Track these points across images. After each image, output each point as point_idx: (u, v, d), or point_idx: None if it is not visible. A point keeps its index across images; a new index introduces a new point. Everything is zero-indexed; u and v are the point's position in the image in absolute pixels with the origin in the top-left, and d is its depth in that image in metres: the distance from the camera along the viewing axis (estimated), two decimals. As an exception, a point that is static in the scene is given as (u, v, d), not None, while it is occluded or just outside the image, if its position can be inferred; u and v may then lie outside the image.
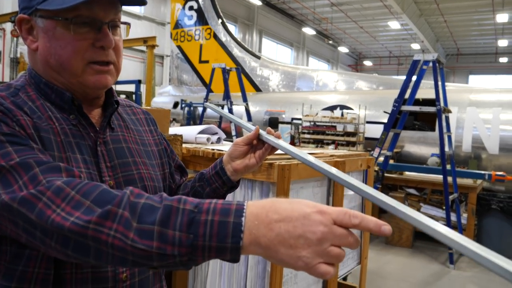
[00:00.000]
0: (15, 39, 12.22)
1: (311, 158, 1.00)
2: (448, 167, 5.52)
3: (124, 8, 1.04)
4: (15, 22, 10.40)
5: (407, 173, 6.54)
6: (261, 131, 1.14)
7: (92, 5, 0.92)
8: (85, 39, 0.94)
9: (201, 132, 2.94)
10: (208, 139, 2.90)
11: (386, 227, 0.64)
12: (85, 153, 0.96)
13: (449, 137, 5.81)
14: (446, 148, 5.49)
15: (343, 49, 31.75)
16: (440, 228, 0.70)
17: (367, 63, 34.65)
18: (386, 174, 5.99)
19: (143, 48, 12.50)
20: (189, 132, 2.89)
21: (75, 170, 0.83)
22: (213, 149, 2.51)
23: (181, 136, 2.43)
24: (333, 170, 0.89)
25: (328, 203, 2.79)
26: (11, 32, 11.59)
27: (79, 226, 0.70)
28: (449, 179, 5.37)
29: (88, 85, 0.97)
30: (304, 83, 11.49)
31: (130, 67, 17.27)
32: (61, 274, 0.89)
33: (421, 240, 6.08)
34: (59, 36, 0.93)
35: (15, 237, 0.80)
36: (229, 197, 1.30)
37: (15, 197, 0.74)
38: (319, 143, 8.61)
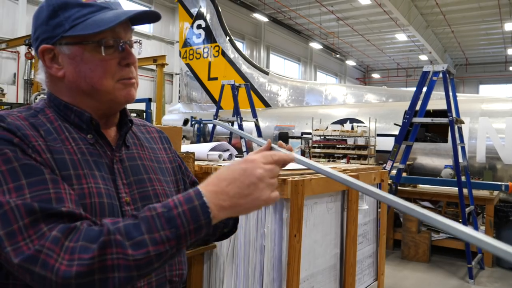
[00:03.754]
0: (28, 61, 12.48)
1: (326, 168, 1.02)
2: (463, 178, 5.42)
3: (135, 28, 1.11)
4: (29, 45, 10.70)
5: (420, 185, 6.43)
6: (273, 144, 1.15)
7: (115, 27, 0.98)
8: (112, 59, 1.00)
9: (213, 149, 2.95)
10: (220, 156, 2.90)
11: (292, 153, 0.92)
12: (103, 171, 1.00)
13: (463, 148, 5.72)
14: (460, 160, 5.41)
15: (350, 63, 31.84)
16: (462, 228, 0.73)
17: (375, 75, 34.65)
18: (399, 187, 5.91)
19: (153, 67, 12.70)
20: (201, 149, 2.89)
21: (76, 211, 0.86)
22: (225, 166, 2.49)
23: (193, 153, 2.44)
24: (349, 178, 0.96)
25: (342, 218, 2.74)
26: (25, 54, 11.83)
27: (85, 265, 0.76)
28: (465, 191, 5.27)
29: (120, 101, 1.03)
30: (313, 97, 11.48)
31: (140, 85, 17.20)
32: None
33: (439, 255, 5.93)
34: (87, 60, 0.99)
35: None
36: (241, 216, 1.28)
37: (23, 257, 0.78)
38: (330, 157, 8.55)
